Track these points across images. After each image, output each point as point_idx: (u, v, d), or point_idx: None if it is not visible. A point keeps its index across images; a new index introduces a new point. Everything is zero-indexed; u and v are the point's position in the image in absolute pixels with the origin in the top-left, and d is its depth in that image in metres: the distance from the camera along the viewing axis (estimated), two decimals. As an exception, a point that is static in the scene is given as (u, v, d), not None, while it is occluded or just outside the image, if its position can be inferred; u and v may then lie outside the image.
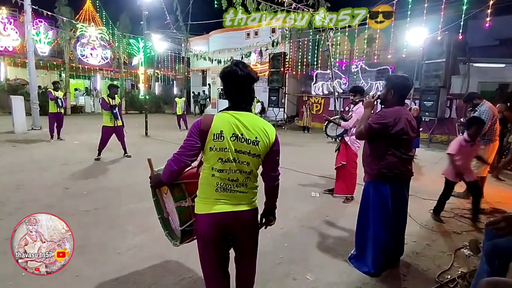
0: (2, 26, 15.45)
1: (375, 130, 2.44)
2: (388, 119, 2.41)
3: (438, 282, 2.48)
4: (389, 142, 2.46)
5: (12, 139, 8.65)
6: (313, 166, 6.39)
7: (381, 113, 2.51)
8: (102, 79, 21.75)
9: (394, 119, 2.39)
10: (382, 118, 2.44)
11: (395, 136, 2.41)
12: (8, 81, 16.45)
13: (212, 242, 1.66)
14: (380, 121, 2.43)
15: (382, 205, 2.54)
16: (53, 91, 8.52)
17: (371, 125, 2.45)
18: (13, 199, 4.07)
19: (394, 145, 2.46)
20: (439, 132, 10.65)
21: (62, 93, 8.89)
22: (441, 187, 3.94)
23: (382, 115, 2.47)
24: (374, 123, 2.45)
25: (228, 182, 1.60)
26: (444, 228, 3.62)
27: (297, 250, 2.98)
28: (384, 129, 2.41)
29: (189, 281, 2.42)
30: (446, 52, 9.44)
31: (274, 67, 14.89)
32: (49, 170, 5.60)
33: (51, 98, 8.45)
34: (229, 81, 1.60)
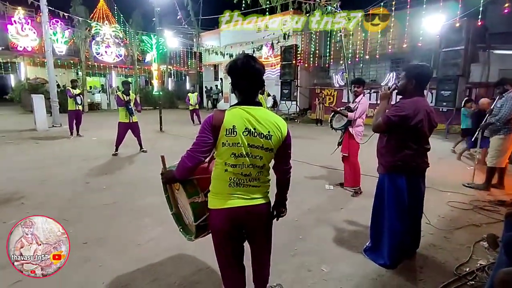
0: (20, 27, 15.92)
1: (394, 122, 2.37)
2: (407, 110, 2.33)
3: (456, 275, 2.44)
4: (406, 135, 2.40)
5: (35, 136, 9.00)
6: (326, 159, 6.34)
7: (400, 104, 2.44)
8: (117, 76, 22.16)
9: (413, 110, 2.33)
10: (401, 110, 2.36)
11: (414, 128, 2.35)
12: (28, 81, 17.02)
13: (227, 236, 1.69)
14: (399, 113, 2.35)
15: (397, 197, 2.51)
16: (71, 89, 8.76)
17: (389, 117, 2.38)
18: (38, 194, 4.26)
19: (411, 137, 2.40)
20: (457, 122, 10.29)
21: (80, 91, 9.11)
22: (458, 179, 3.86)
23: (400, 107, 2.39)
24: (393, 115, 2.37)
25: (241, 177, 1.61)
26: (463, 221, 3.54)
27: (311, 242, 3.00)
28: (404, 121, 2.34)
29: (206, 271, 2.49)
30: (465, 39, 9.07)
31: (285, 60, 14.75)
32: (70, 166, 5.81)
33: (70, 96, 8.70)
34: (236, 76, 1.59)
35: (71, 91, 8.68)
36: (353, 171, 4.39)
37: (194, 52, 21.68)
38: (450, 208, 3.92)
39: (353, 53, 13.87)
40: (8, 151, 7.05)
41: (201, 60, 22.48)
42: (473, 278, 2.41)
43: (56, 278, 2.01)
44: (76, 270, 2.47)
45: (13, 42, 16.44)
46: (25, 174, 5.19)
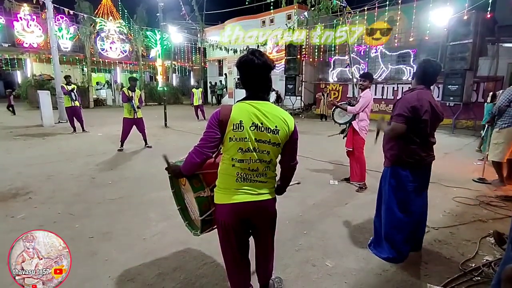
0: (25, 23, 16.04)
1: (409, 116, 2.30)
2: (412, 102, 2.30)
3: (462, 270, 2.43)
4: (410, 128, 2.37)
5: (41, 132, 9.10)
6: (330, 154, 6.32)
7: (401, 100, 2.41)
8: (122, 72, 22.26)
9: (417, 100, 2.30)
10: (407, 103, 2.32)
11: (419, 120, 2.32)
12: (34, 77, 17.18)
13: (233, 231, 1.69)
14: (406, 106, 2.31)
15: (401, 190, 2.49)
16: (65, 85, 8.71)
17: (401, 114, 2.31)
18: (45, 189, 4.32)
19: (415, 131, 2.37)
20: (464, 117, 10.18)
21: (74, 86, 9.02)
22: (465, 174, 3.82)
23: (403, 101, 2.36)
24: (404, 111, 2.30)
25: (248, 172, 1.61)
26: (469, 216, 3.51)
27: (316, 237, 3.00)
28: (415, 112, 2.29)
29: (211, 266, 2.51)
30: (473, 32, 8.90)
31: (290, 55, 14.64)
32: (76, 161, 5.87)
33: (64, 93, 8.70)
34: (246, 70, 1.58)
35: (65, 88, 8.64)
36: (359, 166, 4.37)
37: (198, 47, 21.65)
38: (455, 203, 3.88)
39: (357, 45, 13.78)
40: (15, 146, 7.15)
41: (206, 55, 22.45)
42: (479, 274, 2.38)
43: (63, 271, 2.03)
44: (83, 264, 2.50)
45: (19, 39, 16.60)
46: (32, 169, 5.26)
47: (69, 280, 2.30)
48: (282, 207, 2.06)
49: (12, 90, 15.33)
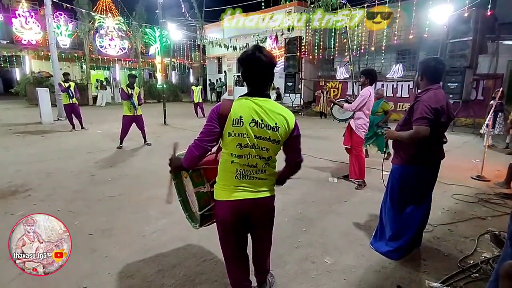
0: (24, 20, 15.91)
1: (432, 118, 2.25)
2: (434, 104, 2.26)
3: (460, 267, 2.44)
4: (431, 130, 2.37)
5: (40, 130, 9.08)
6: (330, 152, 6.32)
7: (421, 102, 2.32)
8: (121, 69, 22.14)
9: (436, 102, 2.27)
10: (428, 105, 2.26)
11: (439, 122, 2.30)
12: (33, 74, 17.09)
13: (232, 228, 1.70)
14: (428, 108, 2.25)
15: (410, 188, 2.51)
16: (63, 83, 8.66)
17: (425, 117, 2.24)
18: (44, 186, 4.31)
19: (433, 132, 2.33)
20: (464, 115, 10.18)
21: (73, 84, 8.96)
22: (464, 172, 3.83)
23: (424, 103, 2.29)
24: (427, 114, 2.24)
25: (247, 168, 1.61)
26: (468, 214, 3.53)
27: (315, 234, 3.01)
28: (437, 114, 2.26)
29: (210, 262, 2.52)
30: (473, 29, 8.87)
31: (290, 52, 14.59)
32: (76, 159, 5.86)
33: (62, 90, 8.65)
34: (249, 66, 1.57)
35: (63, 85, 8.59)
36: (357, 163, 4.37)
37: (198, 44, 21.55)
38: (454, 201, 3.90)
39: (359, 45, 13.68)
40: (14, 144, 7.13)
41: (205, 52, 22.35)
42: (477, 271, 2.40)
43: (62, 269, 2.03)
44: (82, 261, 2.51)
45: (18, 36, 16.47)
46: (31, 166, 5.25)
47: (69, 276, 2.31)
48: (281, 204, 2.06)
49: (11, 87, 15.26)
